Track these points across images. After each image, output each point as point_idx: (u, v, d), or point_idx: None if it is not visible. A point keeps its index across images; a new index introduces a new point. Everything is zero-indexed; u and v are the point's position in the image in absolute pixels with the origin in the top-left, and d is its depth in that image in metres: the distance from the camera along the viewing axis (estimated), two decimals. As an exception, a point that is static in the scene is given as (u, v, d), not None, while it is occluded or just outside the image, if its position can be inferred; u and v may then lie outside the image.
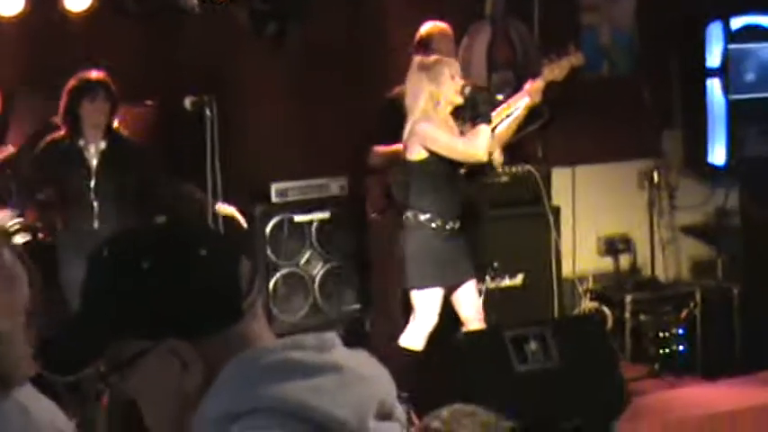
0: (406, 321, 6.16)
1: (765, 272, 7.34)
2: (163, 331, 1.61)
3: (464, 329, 6.09)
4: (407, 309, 6.74)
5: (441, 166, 5.99)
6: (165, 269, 1.62)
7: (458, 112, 6.11)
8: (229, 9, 6.73)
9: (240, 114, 6.94)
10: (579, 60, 6.62)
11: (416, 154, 5.99)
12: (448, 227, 6.00)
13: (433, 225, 5.97)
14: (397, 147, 6.50)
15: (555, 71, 6.47)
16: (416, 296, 6.01)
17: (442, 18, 6.75)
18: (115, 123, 6.15)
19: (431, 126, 5.95)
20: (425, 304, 5.99)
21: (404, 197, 6.19)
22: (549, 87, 6.46)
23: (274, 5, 6.66)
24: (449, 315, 6.08)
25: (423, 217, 5.98)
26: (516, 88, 6.72)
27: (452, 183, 6.07)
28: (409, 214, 6.03)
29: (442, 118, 5.99)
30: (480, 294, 6.28)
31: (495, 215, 6.84)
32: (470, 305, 6.12)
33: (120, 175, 6.02)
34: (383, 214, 6.80)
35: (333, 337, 1.66)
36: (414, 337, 6.00)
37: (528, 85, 6.36)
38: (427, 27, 6.66)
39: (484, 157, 6.02)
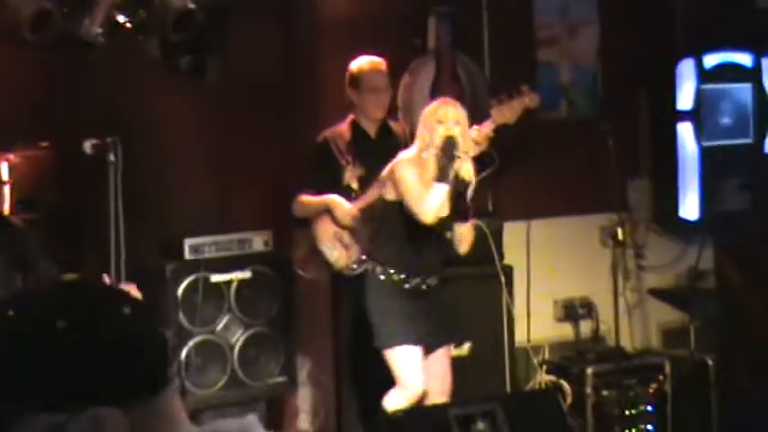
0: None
1: (743, 340, 7.42)
2: (81, 402, 1.56)
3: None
4: (339, 379, 6.75)
5: None
6: (86, 328, 1.59)
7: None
8: (138, 40, 6.74)
9: (149, 159, 6.93)
10: (533, 101, 6.69)
11: (390, 193, 6.10)
12: (413, 283, 6.06)
13: (395, 279, 6.05)
14: (327, 197, 6.55)
15: (506, 114, 6.52)
16: (390, 357, 6.05)
17: (380, 51, 6.82)
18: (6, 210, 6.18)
19: (406, 166, 6.01)
20: (402, 366, 6.03)
21: (368, 246, 6.25)
22: (500, 131, 6.53)
23: (190, 36, 6.65)
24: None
25: (381, 271, 6.06)
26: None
27: (427, 236, 6.06)
28: (369, 266, 6.15)
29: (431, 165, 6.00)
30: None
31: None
32: (438, 376, 6.15)
33: (10, 260, 6.03)
34: (312, 272, 6.84)
35: (252, 422, 1.69)
36: (397, 401, 6.01)
37: (473, 132, 6.28)
38: (358, 63, 6.68)
39: (427, 220, 5.90)
